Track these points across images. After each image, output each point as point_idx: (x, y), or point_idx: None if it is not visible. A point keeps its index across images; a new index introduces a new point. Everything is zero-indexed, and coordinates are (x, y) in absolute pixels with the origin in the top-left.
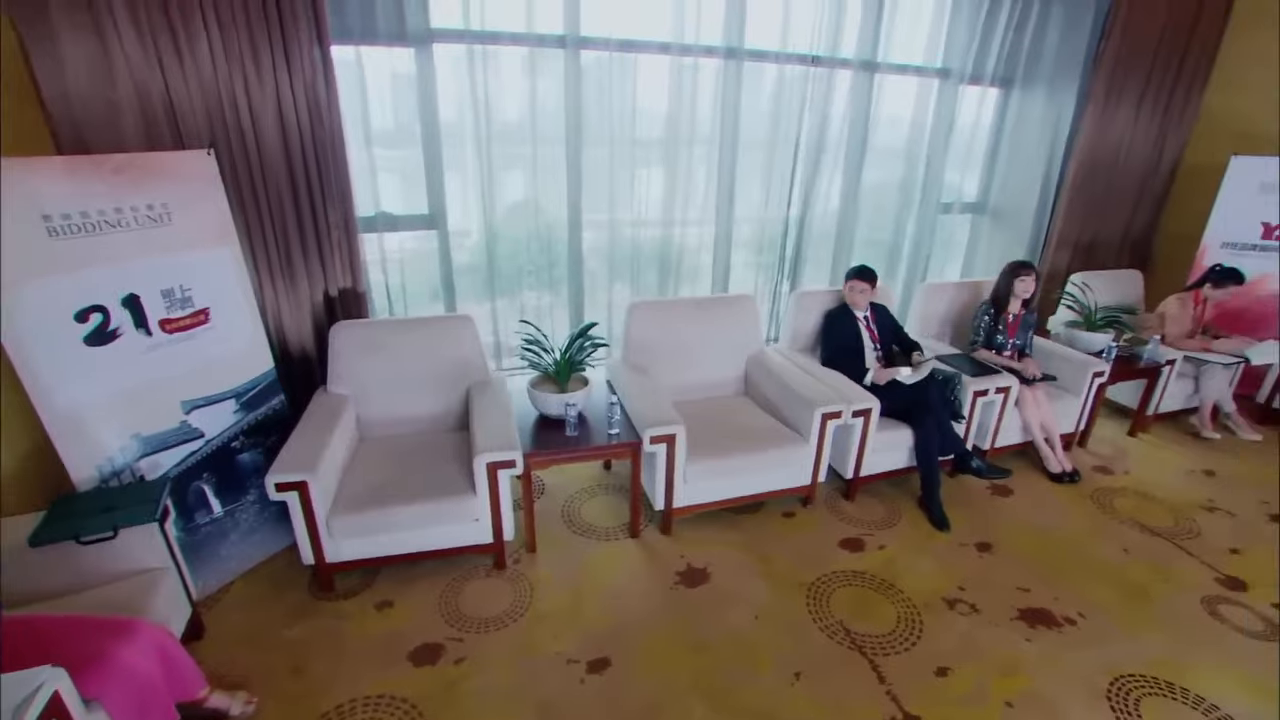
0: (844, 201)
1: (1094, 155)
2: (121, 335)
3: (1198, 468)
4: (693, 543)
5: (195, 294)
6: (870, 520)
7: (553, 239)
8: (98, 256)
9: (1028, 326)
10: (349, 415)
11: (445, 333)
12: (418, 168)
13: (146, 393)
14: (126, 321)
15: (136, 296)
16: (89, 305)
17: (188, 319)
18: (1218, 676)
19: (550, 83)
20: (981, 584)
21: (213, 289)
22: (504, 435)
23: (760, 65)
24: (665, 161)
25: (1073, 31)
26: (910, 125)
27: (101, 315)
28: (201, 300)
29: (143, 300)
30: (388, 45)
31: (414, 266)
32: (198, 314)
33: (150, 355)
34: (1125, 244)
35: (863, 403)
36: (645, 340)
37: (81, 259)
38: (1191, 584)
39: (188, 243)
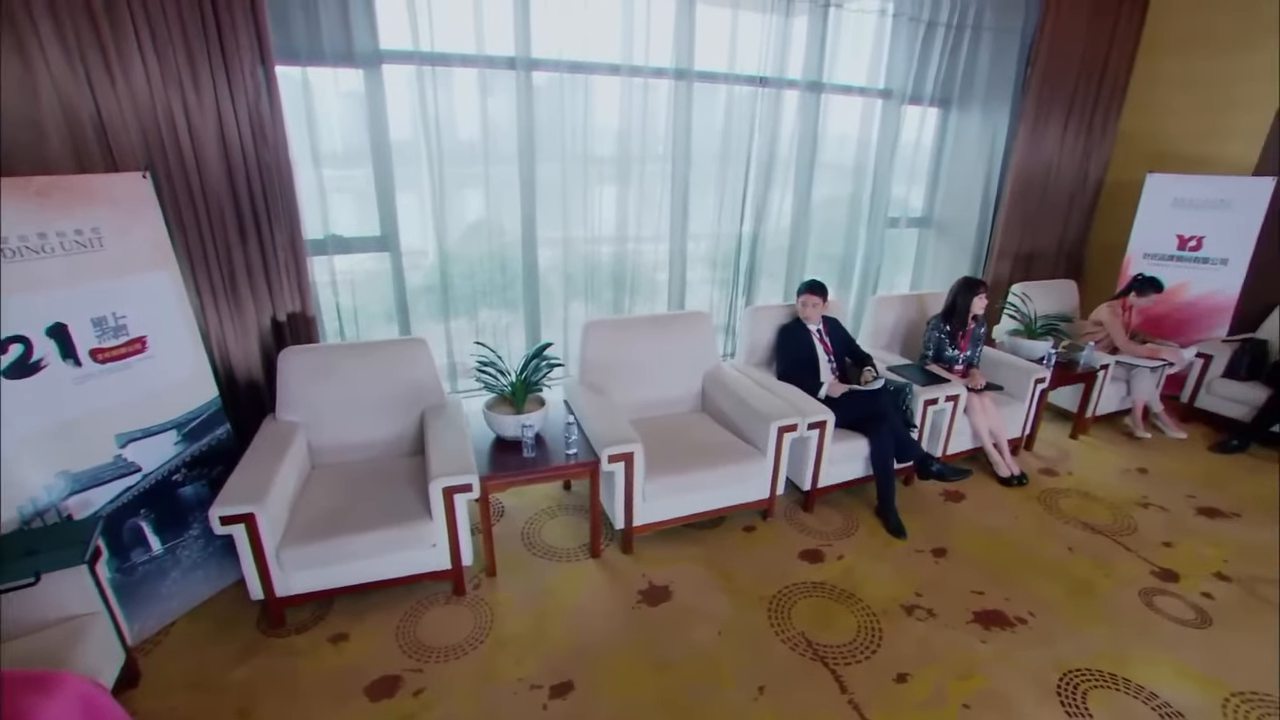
0: (795, 217)
1: (1028, 172)
2: (46, 366)
3: (1132, 466)
4: (654, 560)
5: (130, 321)
6: (829, 531)
7: (508, 258)
8: (19, 284)
9: (978, 340)
10: (299, 443)
11: (399, 356)
12: (369, 189)
13: (75, 427)
14: (52, 352)
15: (64, 325)
16: (8, 336)
17: (122, 348)
18: (1155, 665)
19: (503, 102)
20: (938, 589)
21: (150, 316)
22: (460, 459)
23: (711, 85)
24: (619, 179)
25: (1002, 57)
26: (857, 143)
27: (22, 346)
28: (137, 328)
29: (71, 329)
30: (335, 66)
31: (367, 289)
32: (133, 342)
33: (80, 387)
34: (1060, 255)
35: (818, 415)
36: (601, 359)
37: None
38: (1130, 578)
39: (121, 268)
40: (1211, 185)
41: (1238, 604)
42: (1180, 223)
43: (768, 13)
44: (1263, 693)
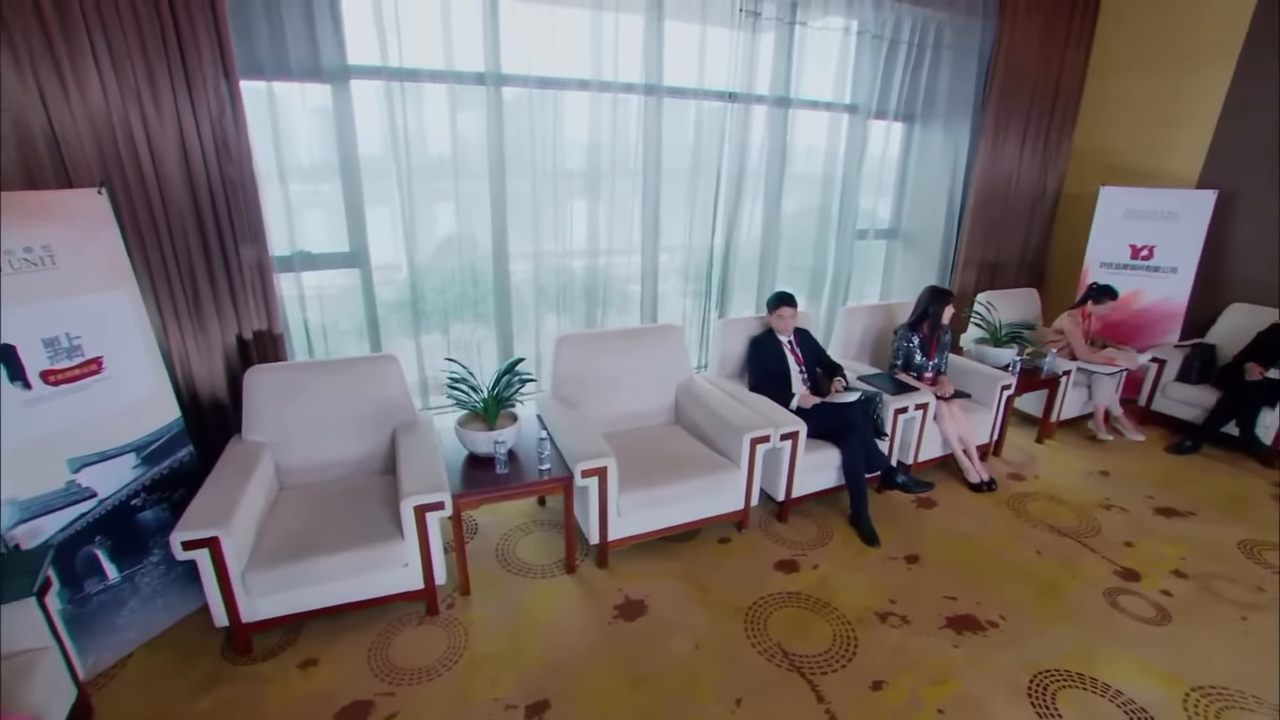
0: (766, 229)
1: (989, 184)
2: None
3: (1095, 469)
4: (630, 575)
5: (85, 342)
6: (803, 541)
7: (479, 273)
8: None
9: (944, 348)
10: (267, 463)
11: (369, 373)
12: (338, 205)
13: (24, 452)
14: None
15: (12, 347)
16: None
17: (76, 369)
18: (1120, 663)
19: (473, 117)
20: (911, 595)
21: (107, 336)
22: (432, 476)
23: (680, 100)
24: (591, 193)
25: (961, 75)
26: (825, 157)
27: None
28: (93, 348)
29: (19, 351)
30: (301, 81)
31: (336, 305)
32: (89, 363)
33: (30, 411)
34: (1023, 264)
35: (790, 426)
36: (574, 373)
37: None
38: (1095, 578)
39: (76, 287)
40: (1159, 198)
41: (1194, 600)
42: (1133, 233)
43: (735, 29)
44: (1221, 686)
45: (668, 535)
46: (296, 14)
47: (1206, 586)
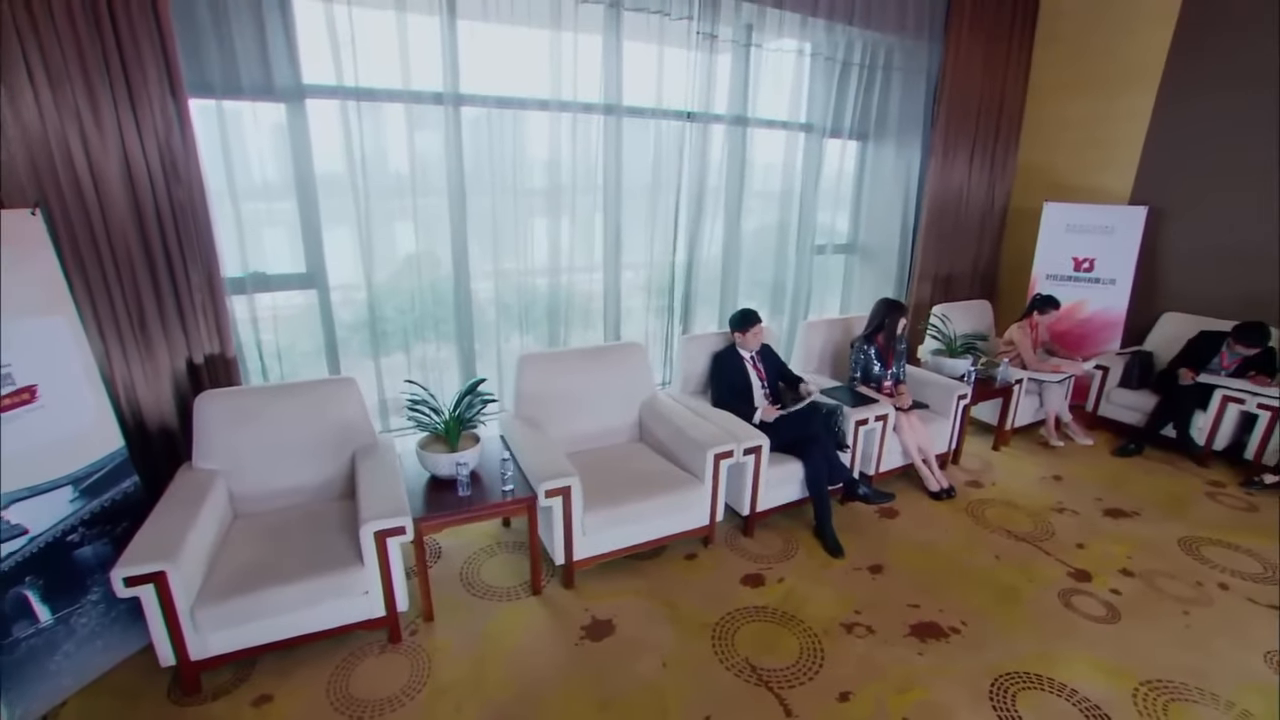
0: (727, 245)
1: (940, 200)
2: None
3: (1048, 474)
4: (596, 594)
5: (16, 370)
6: (769, 554)
7: (440, 293)
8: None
9: (901, 358)
10: (219, 492)
11: (327, 396)
12: (294, 225)
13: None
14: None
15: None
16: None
17: (6, 399)
18: (1074, 662)
19: (433, 136)
20: (876, 605)
21: (41, 363)
22: (392, 500)
23: (640, 120)
24: (552, 211)
25: (911, 96)
26: (783, 175)
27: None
28: (25, 376)
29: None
30: (254, 100)
31: (293, 327)
32: (20, 392)
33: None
34: (975, 277)
35: (753, 440)
36: (536, 393)
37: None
38: (1050, 580)
39: (6, 312)
40: (1097, 213)
41: (1141, 597)
42: (1075, 246)
43: (692, 49)
44: (1167, 680)
45: (634, 553)
46: (248, 33)
47: (1151, 584)
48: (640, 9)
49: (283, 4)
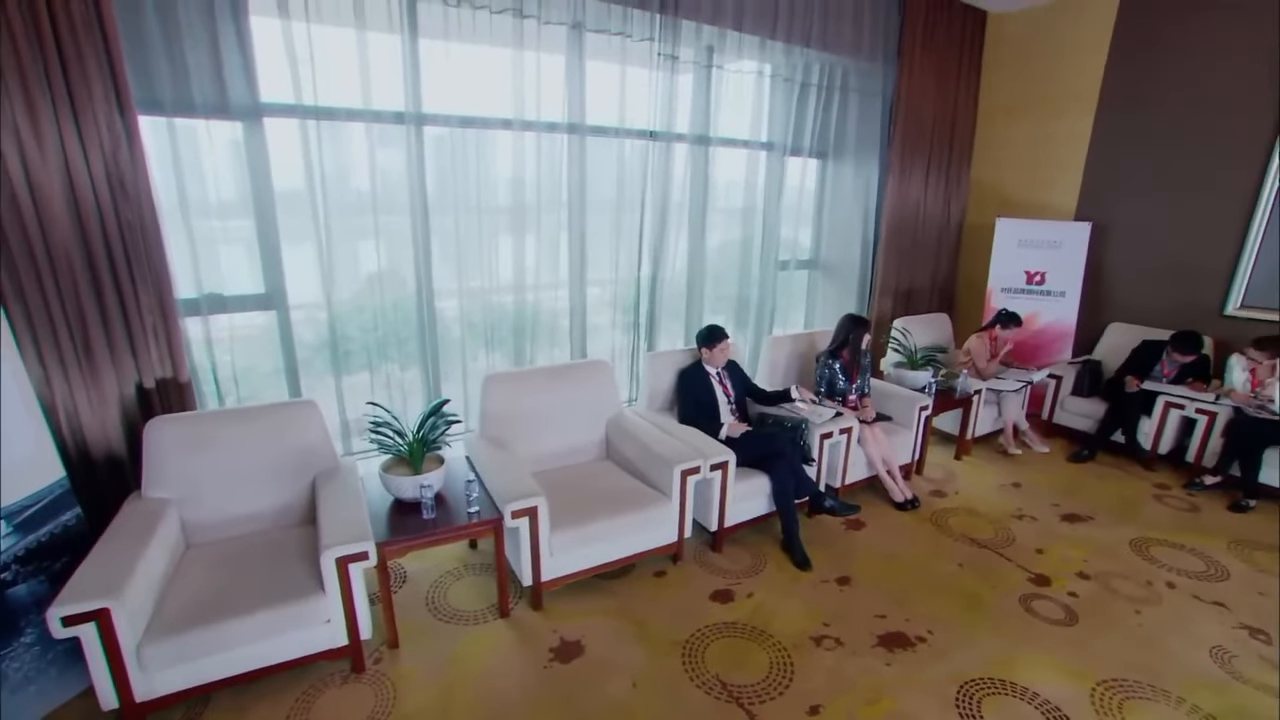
0: (692, 262)
1: (899, 216)
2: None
3: (1008, 481)
4: (565, 615)
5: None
6: (738, 570)
7: (404, 311)
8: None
9: (865, 372)
10: (170, 522)
11: (286, 420)
12: (252, 244)
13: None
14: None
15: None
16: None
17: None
18: (1036, 666)
19: (395, 154)
20: (843, 617)
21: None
22: (355, 525)
23: (603, 139)
24: (517, 229)
25: (868, 116)
26: (745, 192)
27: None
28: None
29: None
30: (208, 118)
31: (251, 349)
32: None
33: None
34: (934, 290)
35: (719, 456)
36: (502, 412)
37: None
38: (1011, 586)
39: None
40: (1046, 229)
41: (1096, 599)
42: (1027, 260)
43: (654, 69)
44: (1121, 678)
45: (602, 572)
46: (202, 50)
47: (1106, 585)
48: (602, 30)
49: (238, 22)
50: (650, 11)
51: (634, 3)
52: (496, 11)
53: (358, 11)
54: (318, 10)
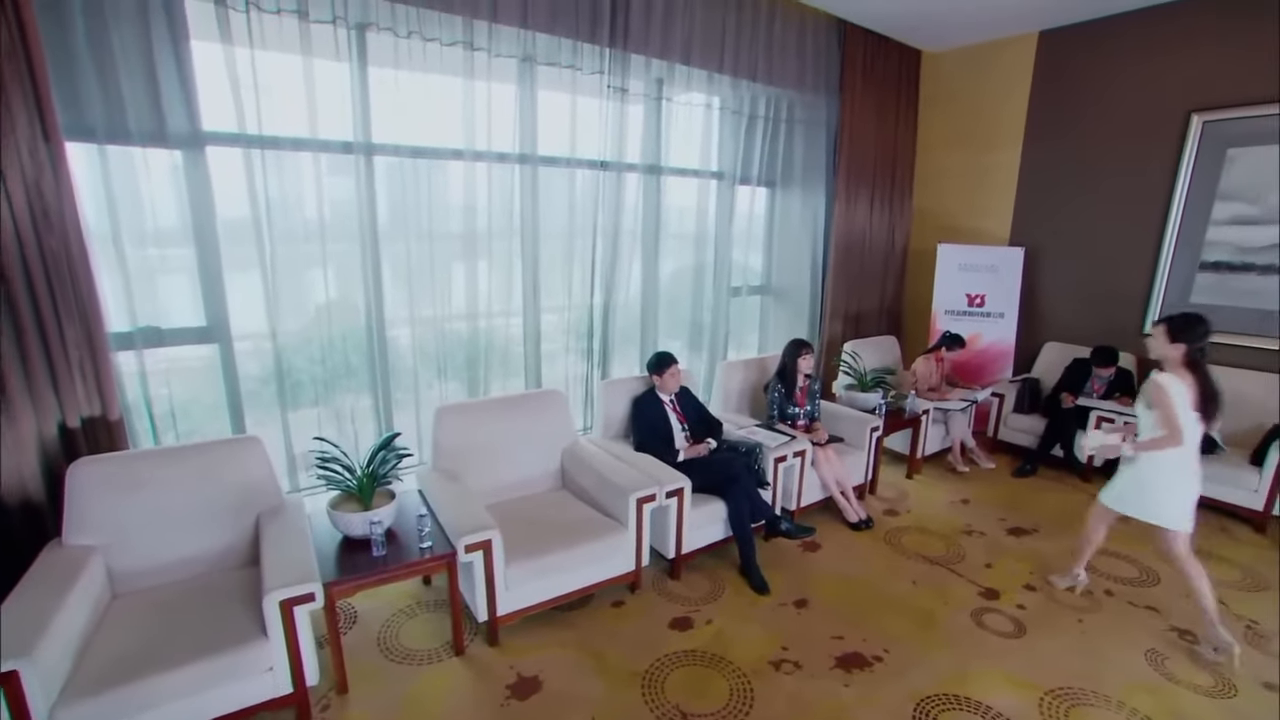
0: (645, 289)
1: (846, 242)
2: None
3: (957, 498)
4: (522, 650)
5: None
6: (696, 596)
7: (355, 341)
8: None
9: (813, 395)
10: (94, 571)
11: (227, 457)
12: (193, 275)
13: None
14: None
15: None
16: None
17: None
18: (988, 679)
19: (345, 181)
20: (802, 640)
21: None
22: (300, 565)
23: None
24: (469, 256)
25: (814, 146)
26: (697, 221)
27: None
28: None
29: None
30: (144, 146)
31: (192, 384)
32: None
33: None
34: (882, 313)
35: (675, 483)
36: (455, 444)
37: None
38: (963, 601)
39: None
40: (983, 254)
41: (1042, 610)
42: (967, 284)
43: (605, 100)
44: (1068, 687)
45: (559, 604)
46: (137, 77)
47: (1050, 596)
48: (553, 63)
49: (177, 47)
50: (600, 45)
51: (584, 36)
52: (447, 44)
53: (304, 39)
54: (261, 37)
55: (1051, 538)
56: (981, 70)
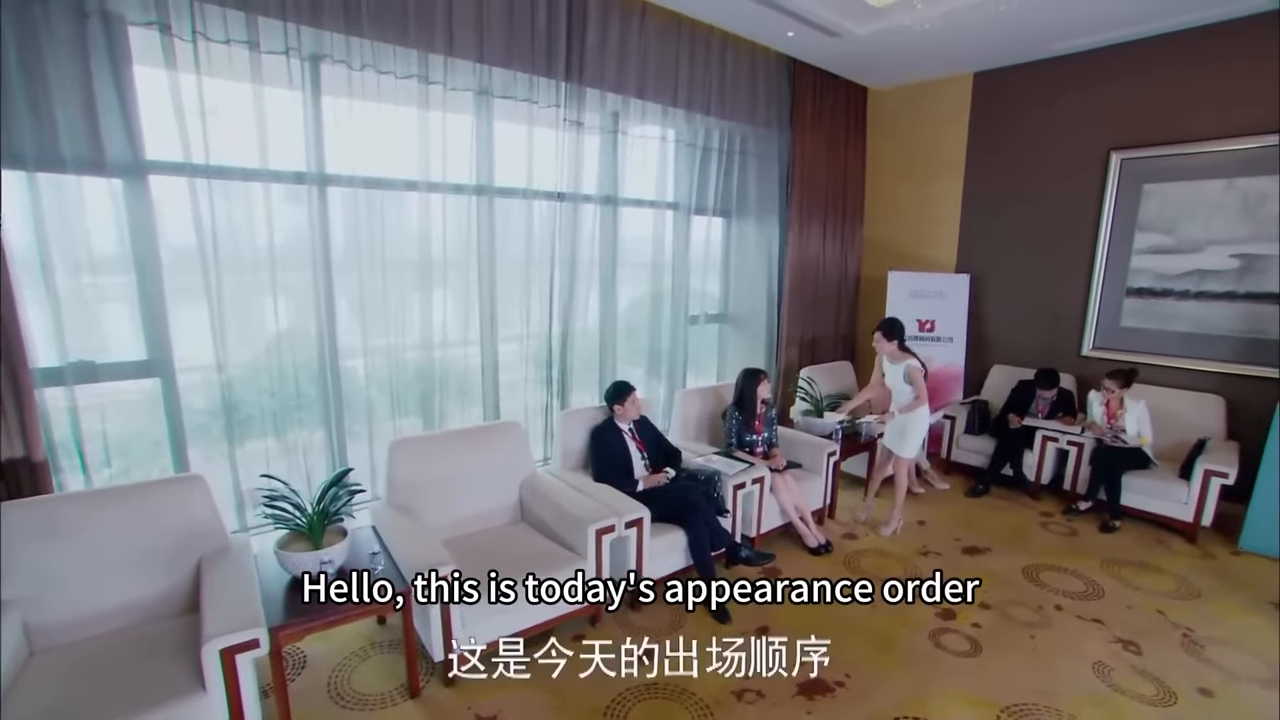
0: (604, 318)
1: (800, 270)
2: None
3: (913, 520)
4: (479, 690)
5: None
6: (657, 628)
7: (307, 373)
8: None
9: (770, 422)
10: (9, 628)
11: (166, 498)
12: (133, 308)
13: None
14: None
15: None
16: None
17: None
18: (946, 699)
19: (297, 210)
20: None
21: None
22: (244, 610)
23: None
24: (425, 286)
25: (767, 178)
26: (654, 250)
27: None
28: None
29: None
30: (79, 174)
31: (132, 420)
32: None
33: None
34: (837, 339)
35: (633, 513)
36: (410, 479)
37: None
38: (921, 623)
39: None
40: (932, 280)
41: (996, 628)
42: (918, 309)
43: (561, 133)
44: (1022, 703)
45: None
46: (73, 105)
47: (1004, 614)
48: (509, 96)
49: (117, 73)
50: (556, 79)
51: (540, 71)
52: (402, 77)
53: (255, 69)
54: (209, 65)
55: (1003, 555)
56: (924, 106)
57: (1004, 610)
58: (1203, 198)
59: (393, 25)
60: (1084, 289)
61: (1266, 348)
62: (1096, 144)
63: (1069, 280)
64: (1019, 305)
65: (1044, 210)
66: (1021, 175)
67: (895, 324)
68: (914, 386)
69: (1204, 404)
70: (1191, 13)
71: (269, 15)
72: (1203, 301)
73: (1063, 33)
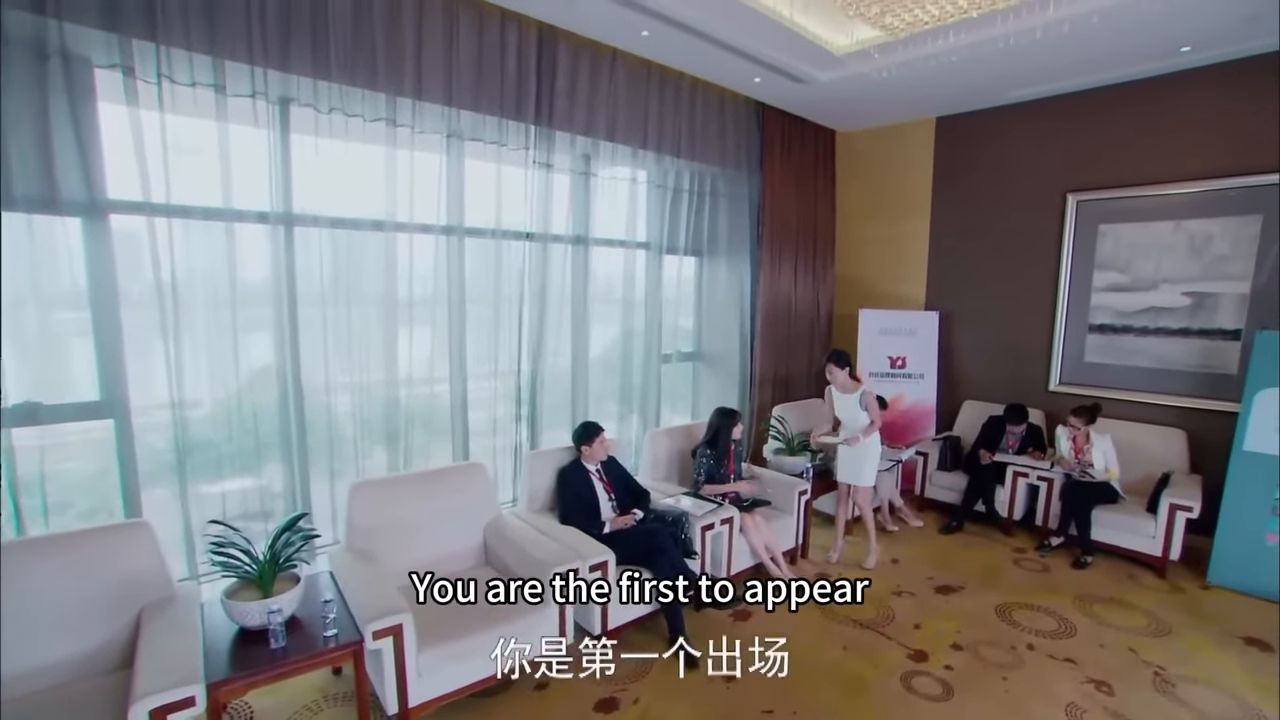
0: (575, 358)
1: (772, 309)
2: None
3: (887, 558)
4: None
5: None
6: (623, 674)
7: (269, 414)
8: None
9: (739, 458)
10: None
11: (108, 546)
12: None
13: None
14: None
15: None
16: None
17: None
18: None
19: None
20: (732, 716)
21: None
22: (180, 665)
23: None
24: (392, 324)
25: (738, 219)
26: (625, 289)
27: None
28: None
29: None
30: (29, 213)
31: (77, 464)
32: None
33: None
34: (810, 377)
35: (598, 556)
36: (371, 522)
37: None
38: (892, 666)
39: None
40: (902, 318)
41: (968, 670)
42: (889, 347)
43: (530, 174)
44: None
45: (478, 690)
46: (26, 142)
47: (976, 654)
48: (478, 139)
49: (76, 110)
50: (525, 122)
51: (509, 114)
52: (370, 120)
53: (220, 109)
54: (174, 104)
55: (976, 594)
56: (890, 148)
57: (976, 651)
58: (1154, 238)
59: (361, 69)
60: (1048, 325)
61: (1223, 382)
62: (1053, 186)
63: (1034, 316)
64: (987, 341)
65: (1008, 249)
66: (985, 215)
67: (843, 354)
68: (869, 412)
69: (1167, 438)
70: (1136, 65)
71: (236, 59)
72: (1160, 337)
73: (1015, 82)
